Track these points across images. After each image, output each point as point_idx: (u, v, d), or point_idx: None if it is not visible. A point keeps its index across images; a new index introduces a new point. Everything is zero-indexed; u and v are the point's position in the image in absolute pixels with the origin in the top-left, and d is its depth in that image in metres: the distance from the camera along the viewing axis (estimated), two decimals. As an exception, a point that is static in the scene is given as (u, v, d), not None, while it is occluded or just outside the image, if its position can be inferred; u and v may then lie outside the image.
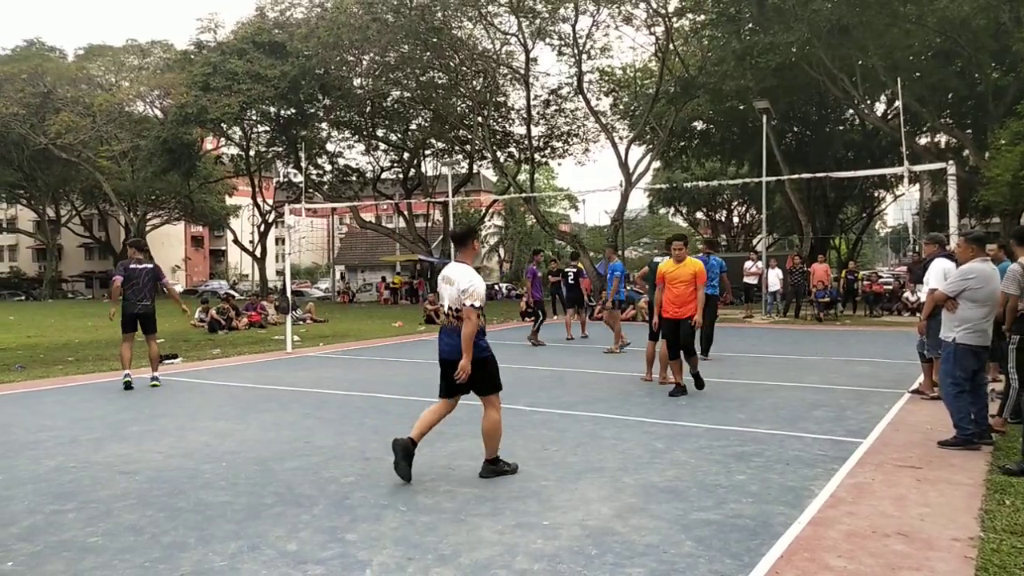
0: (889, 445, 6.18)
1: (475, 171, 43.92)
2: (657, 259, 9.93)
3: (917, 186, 35.10)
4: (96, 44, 47.29)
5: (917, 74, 25.37)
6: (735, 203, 52.61)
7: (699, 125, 35.48)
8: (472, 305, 5.04)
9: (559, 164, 71.48)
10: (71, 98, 41.05)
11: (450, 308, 5.24)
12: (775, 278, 21.84)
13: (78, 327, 21.13)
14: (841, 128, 33.84)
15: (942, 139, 31.88)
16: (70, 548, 3.99)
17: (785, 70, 25.80)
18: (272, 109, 37.15)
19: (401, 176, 43.73)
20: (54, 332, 19.41)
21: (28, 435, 6.80)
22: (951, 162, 12.63)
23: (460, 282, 5.15)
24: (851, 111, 31.70)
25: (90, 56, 45.85)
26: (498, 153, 37.27)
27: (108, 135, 42.00)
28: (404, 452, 5.12)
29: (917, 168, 18.22)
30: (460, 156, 42.03)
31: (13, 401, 8.75)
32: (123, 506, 4.69)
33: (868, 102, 28.85)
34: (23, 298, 52.07)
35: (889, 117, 30.74)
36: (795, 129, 34.48)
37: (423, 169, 43.22)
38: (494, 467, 5.30)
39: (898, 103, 20.28)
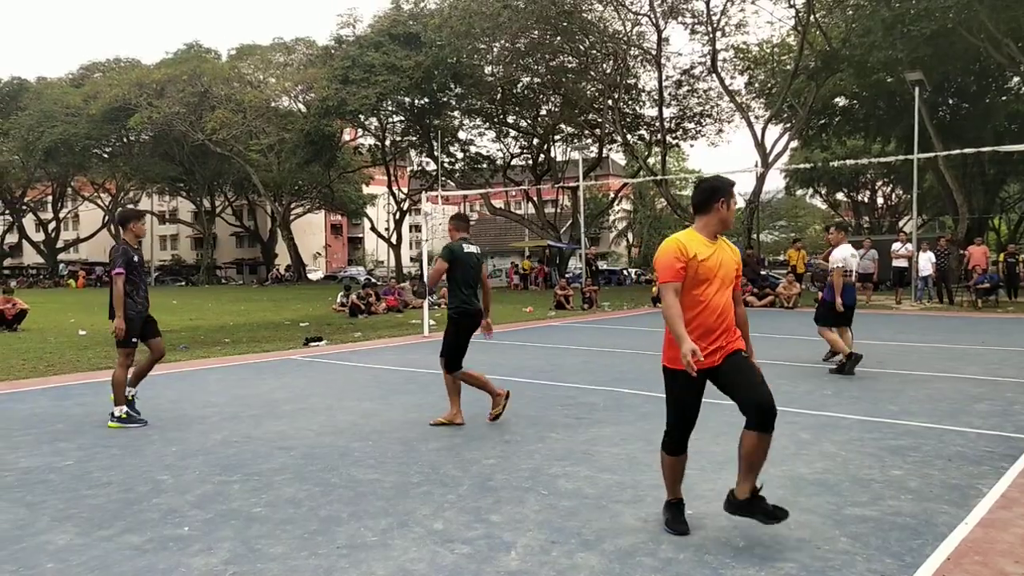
0: (1067, 443, 5.67)
1: (604, 155, 43.63)
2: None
3: (1093, 160, 31.85)
4: (247, 44, 50.30)
5: (1097, 35, 22.99)
6: (879, 183, 49.72)
7: (841, 101, 33.72)
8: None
9: (691, 146, 69.81)
10: (225, 96, 43.83)
11: (857, 273, 9.12)
12: (926, 262, 20.47)
13: (232, 311, 22.61)
14: (1004, 98, 31.13)
15: (1125, 107, 28.81)
16: (237, 517, 4.27)
17: (940, 37, 23.99)
18: (407, 99, 38.32)
19: (530, 162, 44.03)
20: (212, 315, 20.85)
21: (196, 410, 7.35)
22: None
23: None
24: (1016, 79, 29.11)
25: (241, 56, 48.80)
26: (628, 136, 36.82)
27: (257, 129, 44.67)
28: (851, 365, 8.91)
29: (1095, 140, 16.53)
30: (589, 140, 41.83)
31: (181, 379, 9.48)
32: (282, 479, 4.99)
33: (1037, 69, 26.41)
34: (183, 283, 56.36)
35: (1062, 85, 28.05)
36: (950, 101, 32.05)
37: (552, 154, 43.30)
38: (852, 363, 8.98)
39: (1073, 69, 18.40)
